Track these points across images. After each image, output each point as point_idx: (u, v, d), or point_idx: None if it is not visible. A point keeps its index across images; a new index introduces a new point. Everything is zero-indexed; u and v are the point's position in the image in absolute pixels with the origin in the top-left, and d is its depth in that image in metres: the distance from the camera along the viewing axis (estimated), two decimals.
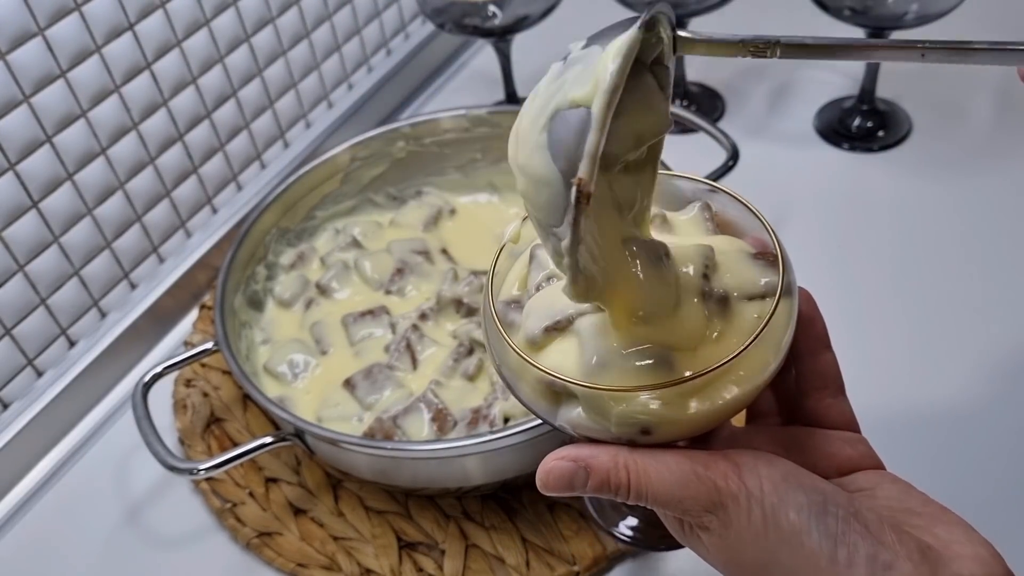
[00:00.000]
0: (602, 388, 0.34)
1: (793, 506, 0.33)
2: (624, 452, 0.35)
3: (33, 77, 0.65)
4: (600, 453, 0.35)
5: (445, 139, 0.80)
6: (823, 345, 0.40)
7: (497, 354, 0.38)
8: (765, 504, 0.33)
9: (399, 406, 0.65)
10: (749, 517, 0.34)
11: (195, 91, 0.78)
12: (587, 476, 0.35)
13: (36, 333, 0.71)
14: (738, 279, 0.37)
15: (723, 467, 0.34)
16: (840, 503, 0.33)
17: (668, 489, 0.34)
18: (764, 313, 0.35)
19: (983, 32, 0.98)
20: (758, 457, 0.35)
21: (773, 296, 0.36)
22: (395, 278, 0.75)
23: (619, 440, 0.35)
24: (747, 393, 0.35)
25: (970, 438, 0.63)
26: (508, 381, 0.38)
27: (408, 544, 0.62)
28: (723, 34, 0.35)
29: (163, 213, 0.79)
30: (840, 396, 0.40)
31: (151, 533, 0.66)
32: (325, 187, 0.79)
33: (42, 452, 0.71)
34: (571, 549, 0.60)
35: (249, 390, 0.61)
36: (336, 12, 0.90)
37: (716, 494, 0.34)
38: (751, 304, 0.36)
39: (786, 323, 0.36)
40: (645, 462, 0.35)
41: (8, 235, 0.67)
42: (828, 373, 0.40)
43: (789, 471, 0.34)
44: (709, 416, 0.35)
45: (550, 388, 0.36)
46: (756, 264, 0.38)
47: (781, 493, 0.33)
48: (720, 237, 0.40)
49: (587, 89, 0.30)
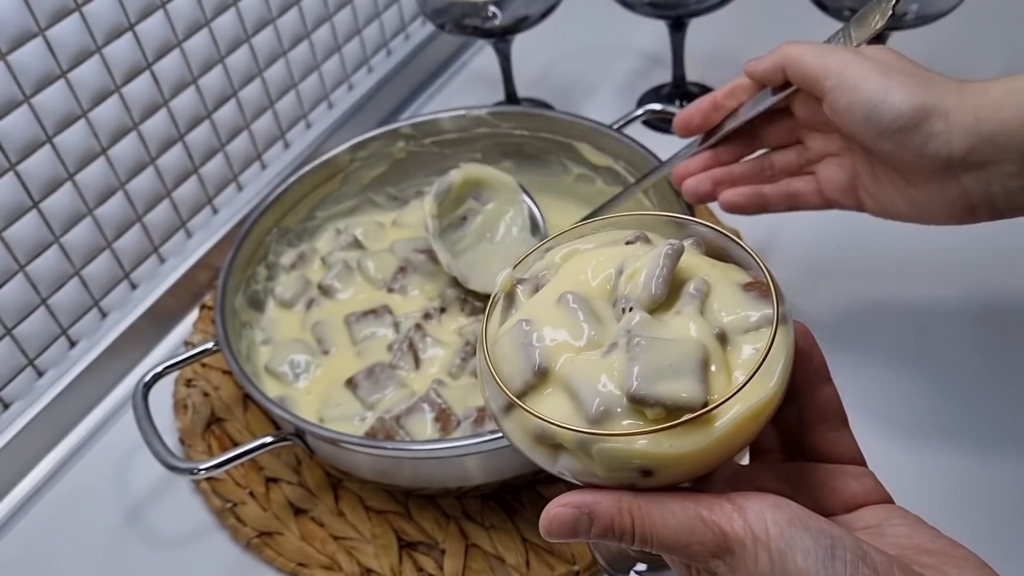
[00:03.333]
0: (600, 434, 0.34)
1: (800, 550, 0.33)
2: (628, 497, 0.35)
3: (33, 77, 0.66)
4: (603, 499, 0.35)
5: (445, 139, 0.80)
6: (822, 378, 0.39)
7: (492, 402, 0.37)
8: (772, 549, 0.33)
9: (402, 406, 0.65)
10: (756, 562, 0.33)
11: (195, 91, 0.78)
12: (591, 522, 0.35)
13: (37, 333, 0.71)
14: (731, 314, 0.37)
15: (728, 511, 0.34)
16: (848, 547, 0.33)
17: (673, 535, 0.34)
18: (761, 346, 0.35)
19: (983, 32, 0.98)
20: (763, 499, 0.34)
21: (768, 327, 0.35)
22: (398, 277, 0.75)
23: (621, 484, 0.35)
24: (750, 429, 0.35)
25: (976, 455, 0.63)
26: (503, 428, 0.37)
27: (408, 544, 0.62)
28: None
29: (164, 213, 0.79)
30: (844, 429, 0.40)
31: (151, 533, 0.66)
32: (325, 187, 0.79)
33: (42, 452, 0.71)
34: (571, 549, 0.60)
35: (249, 390, 0.61)
36: (336, 12, 0.90)
37: (723, 539, 0.34)
38: (747, 337, 0.36)
39: (784, 354, 0.35)
40: (649, 507, 0.34)
41: (9, 235, 0.67)
42: (829, 406, 0.39)
43: (795, 514, 0.34)
44: (712, 455, 0.34)
45: (543, 438, 0.36)
46: (748, 296, 0.37)
47: (788, 537, 0.33)
48: (710, 266, 0.39)
49: None
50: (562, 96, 0.97)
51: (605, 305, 0.38)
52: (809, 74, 0.54)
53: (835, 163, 0.59)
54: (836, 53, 0.54)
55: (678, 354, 0.34)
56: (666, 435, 0.33)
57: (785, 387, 0.36)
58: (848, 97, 0.52)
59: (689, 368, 0.34)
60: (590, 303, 0.37)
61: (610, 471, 0.34)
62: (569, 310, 0.37)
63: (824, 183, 0.59)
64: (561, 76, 1.00)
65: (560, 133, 0.78)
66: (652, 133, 0.90)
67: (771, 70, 0.57)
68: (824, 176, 0.59)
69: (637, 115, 0.78)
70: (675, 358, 0.34)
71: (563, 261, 0.40)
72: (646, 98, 0.95)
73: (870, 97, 0.51)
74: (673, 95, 0.94)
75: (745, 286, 0.38)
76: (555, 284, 0.39)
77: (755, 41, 1.00)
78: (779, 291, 0.36)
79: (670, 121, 0.89)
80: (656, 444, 0.33)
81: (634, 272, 0.37)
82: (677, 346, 0.35)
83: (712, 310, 0.37)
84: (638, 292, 0.37)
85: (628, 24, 0.92)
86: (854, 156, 0.57)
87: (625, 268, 0.38)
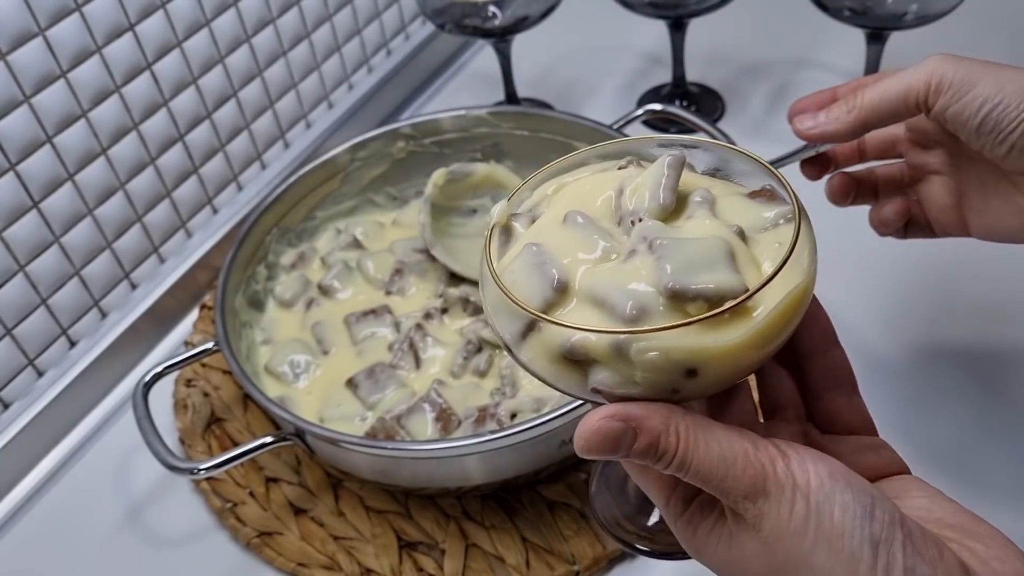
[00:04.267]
0: (643, 331, 0.32)
1: (839, 504, 0.32)
2: (678, 415, 0.33)
3: (34, 77, 0.66)
4: (653, 413, 0.33)
5: (445, 139, 0.80)
6: (830, 341, 0.39)
7: (507, 331, 0.36)
8: (811, 499, 0.32)
9: (402, 406, 0.65)
10: (792, 510, 0.32)
11: (195, 91, 0.78)
12: (635, 437, 0.33)
13: (37, 333, 0.71)
14: (744, 216, 0.36)
15: (772, 453, 0.33)
16: (887, 509, 0.32)
17: (713, 464, 0.33)
18: (784, 240, 0.34)
19: (983, 32, 0.98)
20: (806, 450, 0.34)
21: (787, 223, 0.35)
22: (395, 278, 0.75)
23: (662, 393, 0.34)
24: (790, 318, 0.34)
25: (986, 431, 0.63)
26: (521, 358, 0.36)
27: (408, 544, 0.62)
28: None
29: (163, 213, 0.79)
30: (854, 395, 0.39)
31: (151, 533, 0.66)
32: (325, 187, 0.79)
33: (42, 452, 0.71)
34: (571, 549, 0.60)
35: (249, 390, 0.61)
36: (336, 12, 0.90)
37: (762, 479, 0.32)
38: (765, 235, 0.36)
39: (809, 244, 0.35)
40: (696, 429, 0.33)
41: (9, 235, 0.67)
42: (839, 370, 0.39)
43: (837, 469, 0.33)
44: (754, 348, 0.33)
45: (572, 353, 0.34)
46: (755, 202, 0.37)
47: (828, 490, 0.32)
48: (709, 182, 0.39)
49: None
50: (562, 96, 0.97)
51: (611, 224, 0.37)
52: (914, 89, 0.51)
53: (938, 181, 0.56)
54: (930, 59, 0.50)
55: (705, 249, 0.34)
56: (710, 327, 0.32)
57: (815, 276, 0.35)
58: (960, 101, 0.49)
59: (721, 260, 0.33)
60: (597, 221, 0.37)
61: (653, 373, 0.33)
62: (578, 226, 0.36)
63: (927, 203, 0.57)
64: (561, 76, 1.00)
65: (560, 133, 0.78)
66: (652, 133, 0.90)
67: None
68: (926, 194, 0.57)
69: (637, 115, 0.78)
70: (704, 253, 0.34)
71: (554, 193, 0.39)
72: (646, 98, 0.95)
73: (985, 97, 0.48)
74: (673, 95, 0.94)
75: (750, 194, 0.37)
76: (554, 211, 0.38)
77: (755, 41, 1.01)
78: (788, 185, 0.36)
79: (670, 121, 0.90)
80: (700, 337, 0.32)
81: (636, 188, 0.37)
82: (702, 242, 0.34)
83: (723, 215, 0.36)
84: (645, 203, 0.36)
85: (628, 24, 0.92)
86: (959, 172, 0.55)
87: (625, 187, 0.37)
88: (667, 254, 0.33)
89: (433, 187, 0.75)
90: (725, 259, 0.34)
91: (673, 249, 0.34)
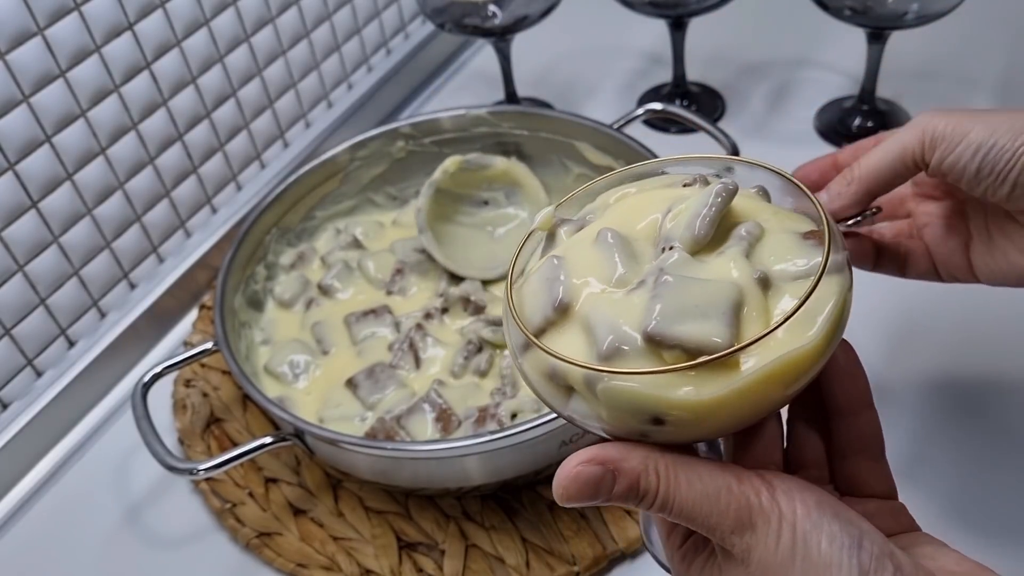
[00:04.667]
0: (603, 370, 0.31)
1: (827, 535, 0.31)
2: (656, 454, 0.32)
3: (32, 77, 0.65)
4: (630, 454, 0.32)
5: (445, 138, 0.80)
6: (864, 403, 0.37)
7: (511, 339, 0.35)
8: (797, 529, 0.31)
9: (402, 406, 0.65)
10: (778, 541, 0.31)
11: (195, 91, 0.78)
12: (614, 481, 0.32)
13: (36, 333, 0.71)
14: (781, 260, 0.33)
15: (757, 484, 0.32)
16: (876, 541, 0.31)
17: (696, 501, 0.32)
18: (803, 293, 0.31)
19: (983, 32, 0.98)
20: (792, 480, 0.33)
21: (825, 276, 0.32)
22: (396, 277, 0.75)
23: (629, 434, 0.33)
24: (778, 385, 0.31)
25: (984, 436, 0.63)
26: (520, 367, 0.35)
27: (408, 544, 0.62)
28: None
29: (163, 213, 0.79)
30: (881, 460, 0.37)
31: (151, 533, 0.66)
32: (325, 187, 0.79)
33: (42, 452, 0.71)
34: (571, 549, 0.60)
35: (248, 390, 0.61)
36: (336, 12, 0.90)
37: (747, 512, 0.32)
38: (795, 285, 0.33)
39: (831, 305, 0.32)
40: (676, 468, 0.32)
41: (8, 235, 0.67)
42: (869, 434, 0.37)
43: (825, 499, 0.32)
44: (732, 410, 0.31)
45: (554, 376, 0.33)
46: (805, 244, 0.34)
47: (815, 519, 0.31)
48: (772, 213, 0.36)
49: None
50: (562, 96, 0.97)
51: (648, 247, 0.35)
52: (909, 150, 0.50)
53: (943, 228, 0.55)
54: (920, 117, 0.50)
55: (708, 294, 0.31)
56: (682, 378, 0.30)
57: (828, 345, 0.32)
58: (955, 151, 0.48)
59: (718, 310, 0.31)
60: (630, 243, 0.35)
61: (615, 414, 0.32)
62: (605, 247, 0.35)
63: (934, 249, 0.55)
64: (561, 76, 1.00)
65: (560, 133, 0.78)
66: (653, 133, 0.90)
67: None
68: (932, 242, 0.55)
69: (637, 115, 0.78)
70: (704, 299, 0.31)
71: (615, 203, 0.38)
72: (646, 97, 0.95)
73: (979, 143, 0.47)
74: (673, 94, 0.93)
75: (805, 234, 0.34)
76: (598, 224, 0.36)
77: (756, 41, 1.01)
78: (836, 237, 0.33)
79: (670, 121, 0.90)
80: (670, 388, 0.31)
81: (679, 213, 0.35)
82: (708, 286, 0.32)
83: (760, 254, 0.34)
84: (680, 231, 0.34)
85: (628, 23, 0.92)
86: (964, 219, 0.54)
87: (673, 209, 0.35)
88: (665, 294, 0.32)
89: (442, 173, 0.75)
90: (726, 309, 0.31)
91: (675, 289, 0.32)
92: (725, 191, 0.34)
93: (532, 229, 0.38)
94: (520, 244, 0.38)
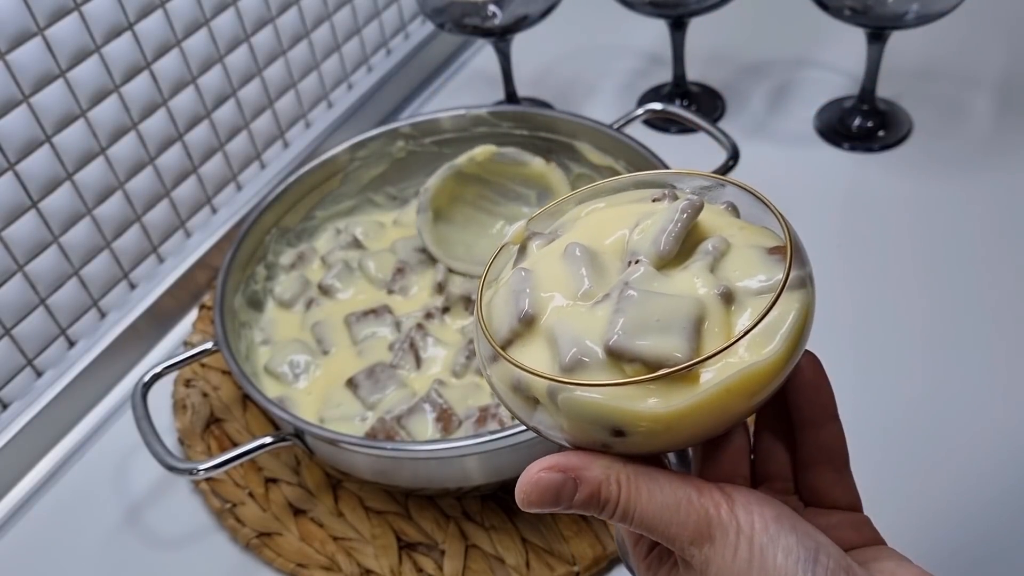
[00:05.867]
0: (563, 381, 0.32)
1: (783, 548, 0.31)
2: (618, 464, 0.33)
3: (32, 77, 0.65)
4: (592, 463, 0.33)
5: (445, 138, 0.80)
6: (829, 415, 0.37)
7: (480, 350, 0.36)
8: (754, 542, 0.31)
9: (403, 406, 0.65)
10: (735, 553, 0.31)
11: (195, 91, 0.78)
12: (575, 488, 0.32)
13: (36, 333, 0.71)
14: (745, 275, 0.34)
15: (717, 497, 0.32)
16: (832, 555, 0.32)
17: (657, 511, 0.32)
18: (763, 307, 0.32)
19: (983, 32, 0.98)
20: (752, 493, 0.33)
21: (786, 291, 0.32)
22: (397, 277, 0.75)
23: (592, 445, 0.33)
24: (738, 399, 0.32)
25: (977, 444, 0.63)
26: (489, 379, 0.36)
27: (408, 544, 0.62)
28: None
29: (163, 213, 0.79)
30: (844, 471, 0.37)
31: (151, 533, 0.66)
32: (325, 187, 0.79)
33: (42, 452, 0.71)
34: (571, 549, 0.60)
35: (248, 390, 0.61)
36: (336, 12, 0.90)
37: (706, 523, 0.32)
38: (758, 299, 0.33)
39: (792, 319, 0.32)
40: (638, 478, 0.32)
41: (8, 235, 0.67)
42: (833, 446, 0.37)
43: (783, 513, 0.32)
44: (691, 422, 0.31)
45: (518, 387, 0.34)
46: (770, 259, 0.34)
47: (772, 533, 0.31)
48: (738, 228, 0.36)
49: None
50: (562, 96, 0.97)
51: (615, 261, 0.36)
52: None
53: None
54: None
55: (669, 309, 0.32)
56: (642, 391, 0.31)
57: (789, 359, 0.32)
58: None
59: (679, 325, 0.32)
60: (598, 257, 0.35)
61: (577, 425, 0.32)
62: (572, 260, 0.35)
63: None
64: (561, 76, 1.00)
65: (560, 133, 0.78)
66: (653, 132, 0.90)
67: None
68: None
69: (637, 114, 0.78)
70: (665, 313, 0.32)
71: (586, 217, 0.38)
72: (646, 97, 0.95)
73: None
74: (674, 94, 0.93)
75: (771, 250, 0.35)
76: (567, 238, 0.37)
77: (755, 40, 1.01)
78: (800, 253, 0.33)
79: (670, 121, 0.90)
80: (631, 401, 0.31)
81: (646, 228, 0.35)
82: (670, 300, 0.32)
83: (725, 269, 0.34)
84: (646, 246, 0.34)
85: (628, 23, 0.92)
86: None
87: (640, 224, 0.36)
88: (628, 308, 0.32)
89: (468, 159, 0.74)
90: (686, 324, 0.32)
91: (637, 304, 0.32)
92: (691, 207, 0.35)
93: (504, 242, 0.39)
94: (492, 256, 0.38)
